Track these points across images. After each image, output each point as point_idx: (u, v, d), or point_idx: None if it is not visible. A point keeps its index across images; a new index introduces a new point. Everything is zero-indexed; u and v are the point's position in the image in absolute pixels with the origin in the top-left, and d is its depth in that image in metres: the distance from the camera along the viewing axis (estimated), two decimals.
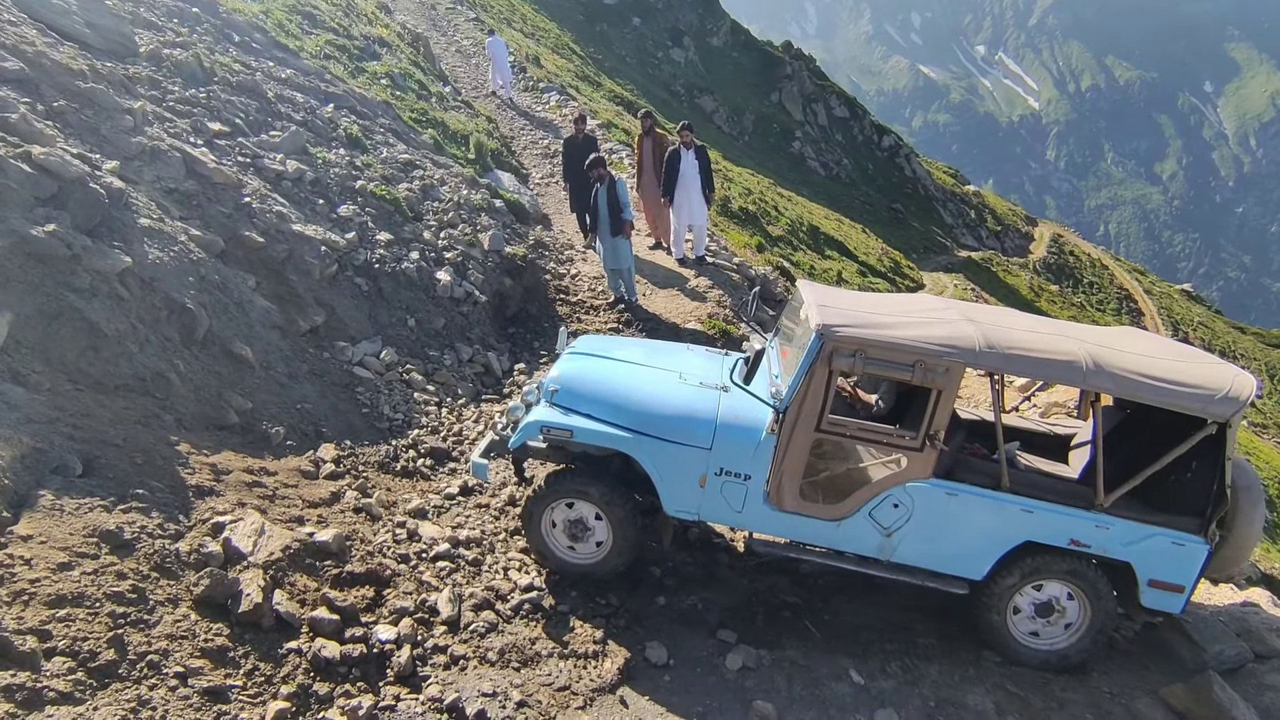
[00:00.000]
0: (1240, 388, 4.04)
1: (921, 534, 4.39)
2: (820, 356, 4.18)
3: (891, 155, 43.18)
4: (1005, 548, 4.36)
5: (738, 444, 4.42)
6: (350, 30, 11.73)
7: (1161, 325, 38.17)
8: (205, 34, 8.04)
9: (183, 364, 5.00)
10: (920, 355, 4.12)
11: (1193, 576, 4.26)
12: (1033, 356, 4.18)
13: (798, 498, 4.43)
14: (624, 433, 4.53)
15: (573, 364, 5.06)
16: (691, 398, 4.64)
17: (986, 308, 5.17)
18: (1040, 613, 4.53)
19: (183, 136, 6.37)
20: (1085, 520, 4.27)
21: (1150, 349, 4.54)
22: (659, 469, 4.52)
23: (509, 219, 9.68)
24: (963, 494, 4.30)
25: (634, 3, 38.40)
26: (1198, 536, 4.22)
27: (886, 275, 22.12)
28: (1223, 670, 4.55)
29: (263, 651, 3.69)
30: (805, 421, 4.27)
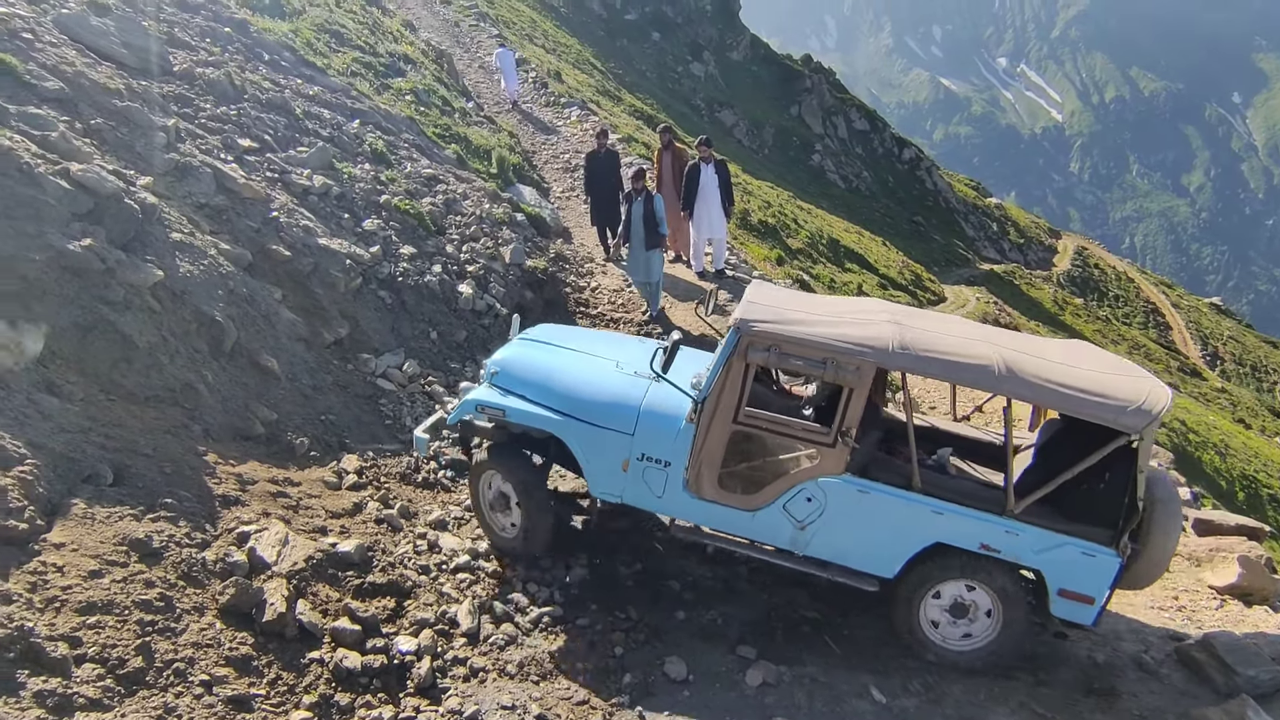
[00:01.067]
0: (1154, 401, 3.99)
1: (833, 529, 4.42)
2: (737, 350, 4.32)
3: (912, 168, 43.00)
4: (916, 548, 4.37)
5: (659, 431, 4.56)
6: (376, 48, 11.95)
7: (1190, 339, 37.50)
8: (236, 53, 8.23)
9: (211, 375, 5.10)
10: (832, 353, 4.22)
11: (1103, 588, 4.20)
12: (945, 359, 4.20)
13: (716, 486, 4.51)
14: (554, 415, 4.72)
15: (516, 348, 5.28)
16: (620, 385, 4.78)
17: (925, 313, 5.19)
18: (954, 614, 4.51)
19: (214, 153, 6.52)
20: (996, 525, 4.24)
21: (1078, 360, 4.48)
22: (585, 451, 4.68)
23: (530, 232, 9.77)
24: (874, 492, 4.33)
25: (654, 18, 38.72)
26: (1108, 548, 4.17)
27: (907, 288, 21.97)
28: (1257, 695, 4.42)
29: (286, 661, 3.73)
30: (723, 413, 4.40)
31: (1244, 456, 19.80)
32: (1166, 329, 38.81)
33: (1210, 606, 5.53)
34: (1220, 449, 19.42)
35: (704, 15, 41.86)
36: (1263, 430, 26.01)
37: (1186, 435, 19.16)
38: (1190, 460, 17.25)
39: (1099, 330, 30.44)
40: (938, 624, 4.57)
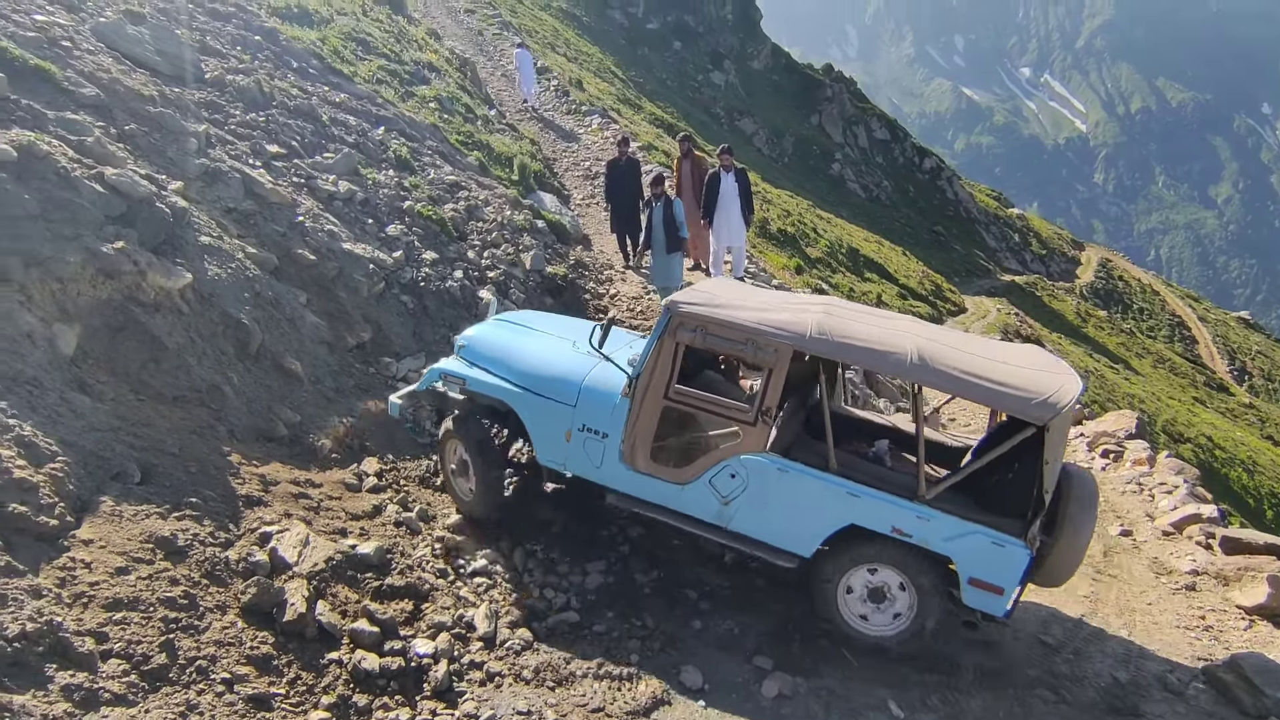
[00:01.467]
0: (1061, 395, 4.04)
1: (755, 505, 4.57)
2: (667, 329, 4.59)
3: (933, 177, 42.75)
4: (831, 528, 4.48)
5: (598, 404, 4.82)
6: (401, 56, 12.11)
7: (1217, 353, 36.85)
8: (266, 60, 8.38)
9: (236, 377, 5.17)
10: (752, 335, 4.45)
11: (1013, 580, 4.22)
12: (860, 346, 4.36)
13: (648, 459, 4.72)
14: (507, 385, 5.05)
15: (485, 326, 5.68)
16: (568, 360, 5.08)
17: (867, 309, 5.34)
18: (872, 598, 4.59)
19: (242, 158, 6.64)
20: (907, 510, 4.32)
21: (1007, 357, 4.56)
22: (532, 421, 5.00)
23: (550, 239, 9.83)
24: (793, 471, 4.48)
25: (675, 27, 38.91)
26: (1018, 539, 4.18)
27: (927, 299, 21.82)
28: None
29: (305, 661, 3.76)
30: (655, 389, 4.64)
31: (1273, 474, 19.40)
32: (1193, 343, 38.18)
33: (1238, 627, 5.42)
34: (1248, 466, 19.05)
35: (725, 24, 41.99)
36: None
37: (1213, 451, 18.82)
38: (1217, 477, 16.93)
39: (1123, 343, 30.02)
40: (861, 612, 4.66)
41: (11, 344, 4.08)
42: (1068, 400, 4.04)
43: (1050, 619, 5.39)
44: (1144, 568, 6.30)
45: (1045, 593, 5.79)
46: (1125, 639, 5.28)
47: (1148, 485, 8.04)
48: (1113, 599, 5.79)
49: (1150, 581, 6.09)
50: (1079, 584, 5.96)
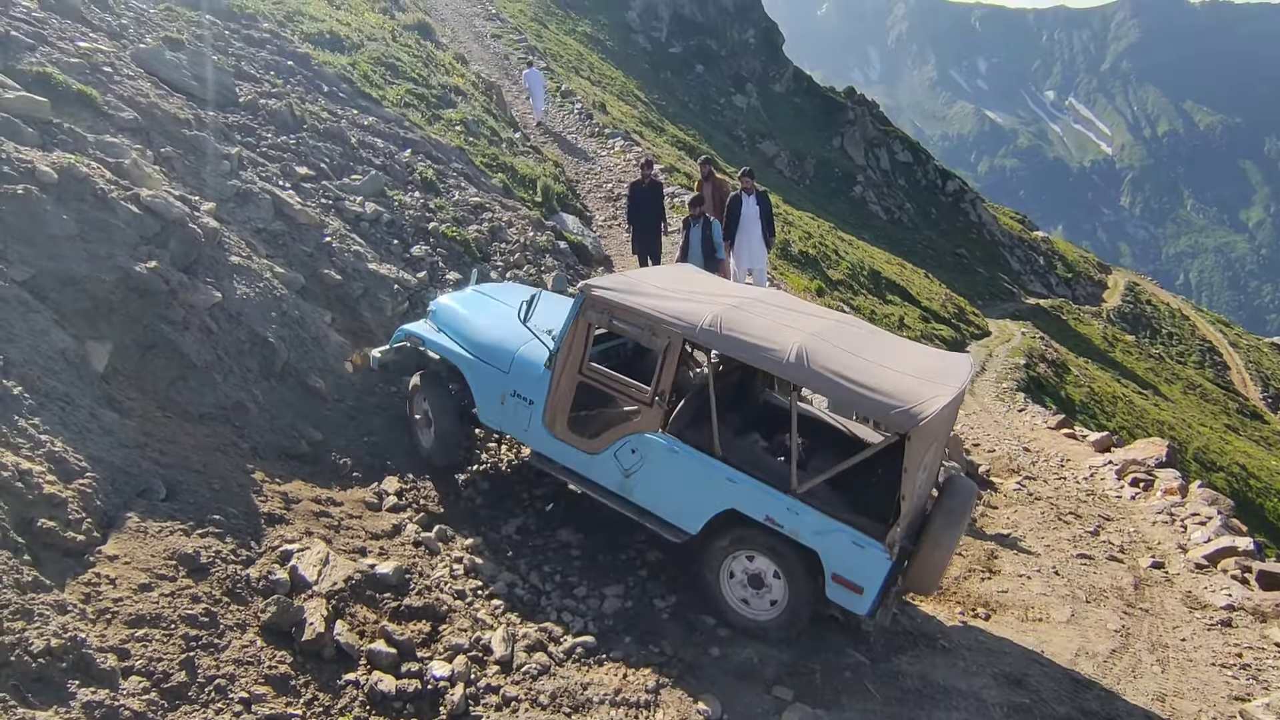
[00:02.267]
0: (926, 406, 4.10)
1: (650, 480, 4.86)
2: (580, 311, 4.92)
3: (956, 200, 42.55)
4: (713, 510, 4.70)
5: (526, 373, 5.23)
6: (429, 80, 12.35)
7: (1250, 380, 36.02)
8: (298, 85, 8.59)
9: (261, 394, 5.24)
10: (650, 322, 4.75)
11: (874, 580, 4.31)
12: (744, 341, 4.52)
13: (565, 428, 5.09)
14: (458, 349, 5.49)
15: (456, 295, 6.09)
16: (511, 331, 5.37)
17: (802, 305, 5.47)
18: (752, 584, 4.78)
19: (273, 180, 6.78)
20: (780, 501, 4.49)
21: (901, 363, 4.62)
22: (475, 383, 5.44)
23: (572, 260, 9.90)
24: (682, 452, 4.73)
25: (698, 51, 39.31)
26: (877, 542, 4.29)
27: (950, 321, 21.60)
28: None
29: (322, 682, 3.75)
30: (571, 364, 5.00)
31: None
32: (1224, 369, 37.38)
33: (1277, 665, 5.24)
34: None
35: (748, 48, 42.37)
36: None
37: (1247, 481, 18.32)
38: (1251, 507, 16.45)
39: (1152, 369, 29.46)
40: (735, 588, 4.85)
41: (46, 361, 4.17)
42: (930, 411, 4.07)
43: (1080, 653, 5.25)
44: (1177, 602, 6.13)
45: (1076, 626, 5.65)
46: (1159, 675, 5.12)
47: (1179, 516, 7.84)
48: (1145, 634, 5.62)
49: (1184, 616, 5.92)
50: (1109, 618, 5.80)
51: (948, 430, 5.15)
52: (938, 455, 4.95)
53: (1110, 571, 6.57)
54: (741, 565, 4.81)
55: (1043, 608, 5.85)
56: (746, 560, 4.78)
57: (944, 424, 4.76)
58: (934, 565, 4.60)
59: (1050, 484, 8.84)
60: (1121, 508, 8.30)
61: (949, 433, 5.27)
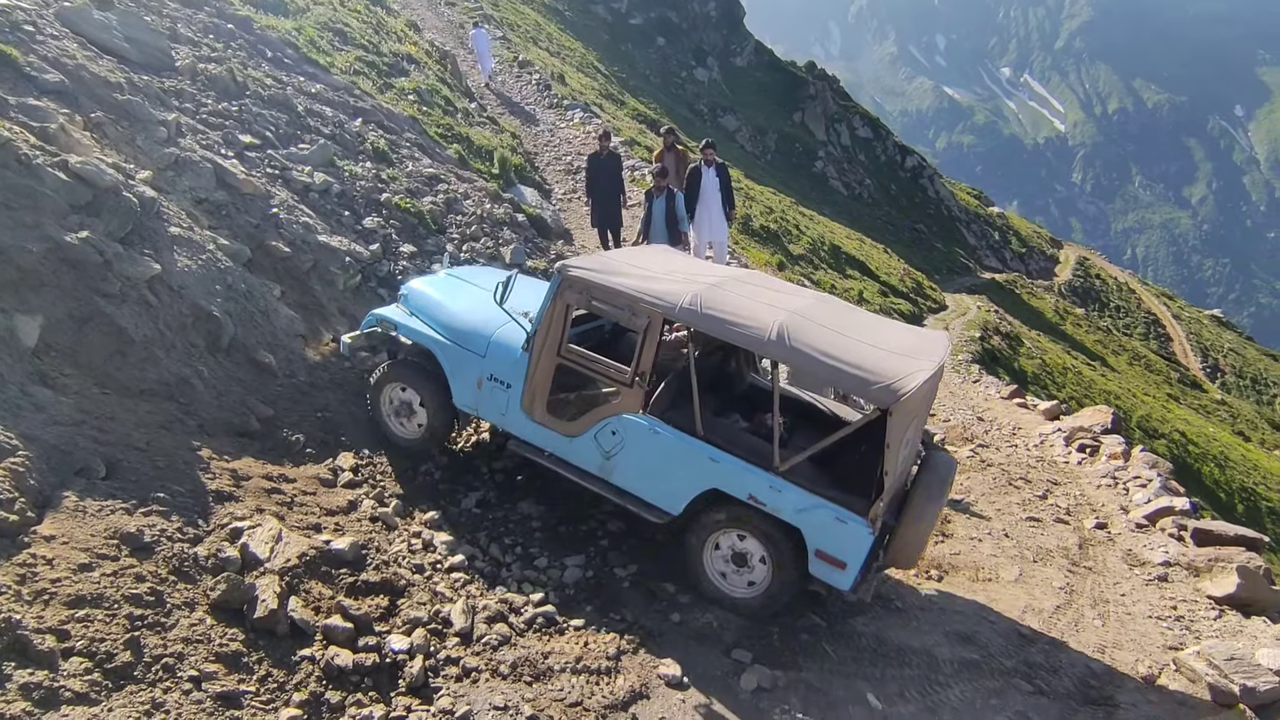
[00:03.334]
0: (906, 381, 4.15)
1: (631, 462, 4.83)
2: (558, 292, 4.84)
3: (915, 176, 43.06)
4: (696, 490, 4.70)
5: (503, 356, 5.14)
6: (380, 47, 11.96)
7: (1190, 351, 37.48)
8: (239, 49, 8.23)
9: (207, 370, 5.07)
10: (629, 301, 4.71)
11: (856, 555, 4.35)
12: (724, 319, 4.50)
13: (544, 411, 5.02)
14: (432, 333, 5.37)
15: (428, 279, 5.98)
16: (487, 314, 5.30)
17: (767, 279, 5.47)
18: (735, 561, 4.81)
19: (215, 148, 6.51)
20: (762, 479, 4.50)
21: (879, 339, 4.63)
22: (450, 367, 5.32)
23: (531, 233, 9.76)
24: (663, 432, 4.71)
25: (659, 23, 38.83)
26: (860, 517, 4.32)
27: (908, 296, 21.96)
28: (1255, 706, 4.39)
29: (276, 658, 3.69)
30: (549, 346, 4.93)
31: (1243, 469, 19.76)
32: (1167, 340, 38.81)
33: (1209, 617, 5.50)
34: (1220, 461, 19.38)
35: (709, 21, 41.98)
36: (1262, 443, 25.96)
37: (1186, 447, 19.12)
38: (1190, 472, 17.21)
39: (1100, 340, 30.43)
40: (718, 563, 4.86)
41: None
42: (910, 386, 4.11)
43: (1027, 610, 5.44)
44: (1118, 559, 6.38)
45: (1023, 585, 5.85)
46: (1100, 629, 5.33)
47: (1122, 479, 8.14)
48: (1088, 590, 5.85)
49: (1124, 573, 6.16)
50: (1055, 576, 6.02)
51: (928, 405, 5.14)
52: (918, 430, 4.95)
53: (1057, 533, 6.80)
54: (728, 544, 4.79)
55: (993, 568, 6.04)
56: (735, 540, 4.76)
57: (924, 399, 4.74)
58: (916, 539, 4.62)
59: (1002, 451, 9.09)
60: (1069, 472, 8.59)
61: (929, 408, 5.24)
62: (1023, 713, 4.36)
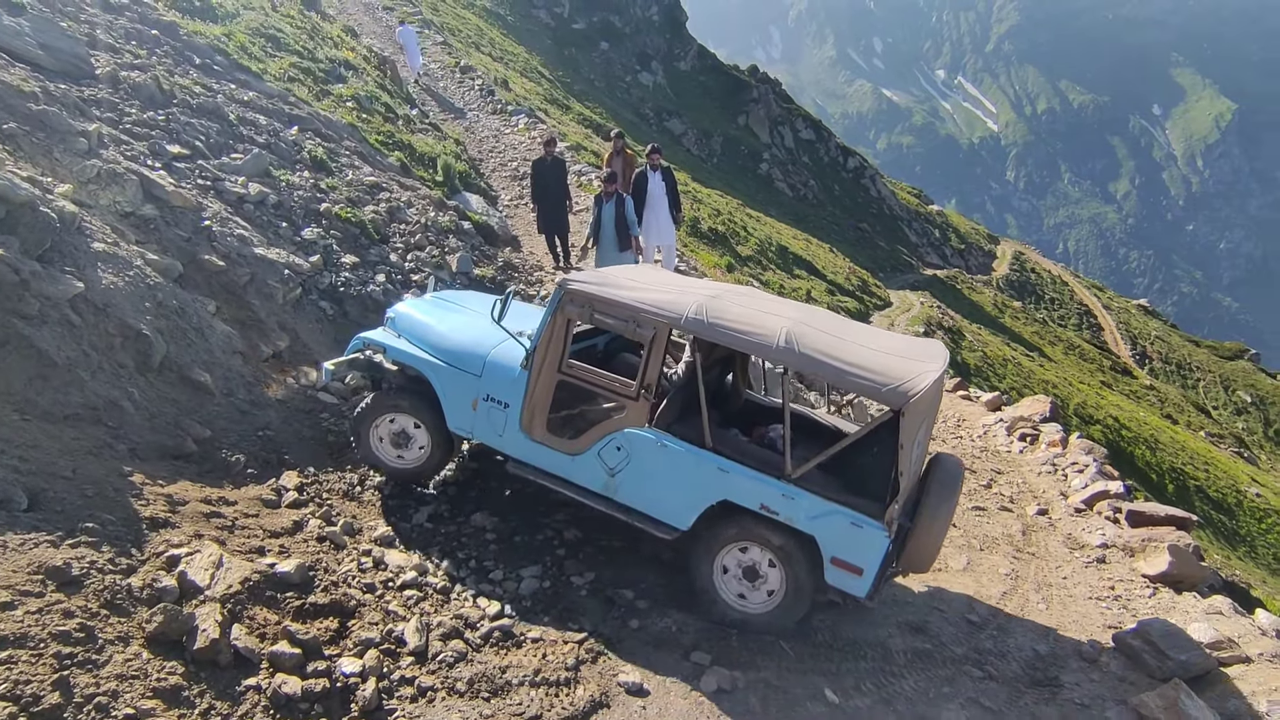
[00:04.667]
0: (916, 382, 4.15)
1: (637, 477, 4.75)
2: (559, 306, 4.77)
3: (857, 176, 44.03)
4: (705, 502, 4.61)
5: (500, 375, 5.01)
6: (315, 53, 11.67)
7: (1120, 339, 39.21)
8: (165, 56, 7.92)
9: (137, 391, 4.85)
10: (633, 314, 4.65)
11: (872, 561, 4.30)
12: (732, 328, 4.48)
13: (544, 430, 4.92)
14: (424, 355, 5.22)
15: (415, 301, 5.87)
16: (480, 334, 5.22)
17: (765, 296, 5.46)
18: (747, 576, 4.70)
19: (140, 159, 6.25)
20: (774, 488, 4.44)
21: (882, 345, 4.66)
22: (443, 389, 5.17)
23: (477, 241, 9.63)
24: (670, 445, 4.64)
25: (602, 27, 38.87)
26: (875, 520, 4.29)
27: (854, 294, 22.44)
28: (1189, 678, 4.60)
29: (219, 689, 3.54)
30: (550, 362, 4.84)
31: (1172, 450, 20.75)
32: (1099, 330, 40.52)
33: (1144, 595, 5.75)
34: (1150, 444, 20.31)
35: (651, 25, 42.21)
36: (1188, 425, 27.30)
37: (1119, 431, 19.99)
38: (1124, 455, 17.98)
39: (1037, 332, 31.58)
40: (738, 591, 4.76)
41: None
42: (921, 387, 4.12)
43: (975, 598, 5.59)
44: (1059, 544, 6.62)
45: (971, 574, 6.01)
46: (1044, 613, 5.52)
47: (1061, 465, 8.46)
48: (1031, 575, 6.05)
49: (1065, 556, 6.40)
50: (1001, 563, 6.21)
51: (935, 407, 5.10)
52: (928, 432, 4.92)
53: (1001, 521, 7.02)
54: (736, 559, 4.70)
55: (941, 558, 6.19)
56: (740, 553, 4.67)
57: (932, 401, 4.69)
58: (932, 540, 4.58)
59: (948, 443, 9.34)
60: (1011, 461, 8.88)
61: (936, 410, 5.16)
62: (974, 699, 4.48)
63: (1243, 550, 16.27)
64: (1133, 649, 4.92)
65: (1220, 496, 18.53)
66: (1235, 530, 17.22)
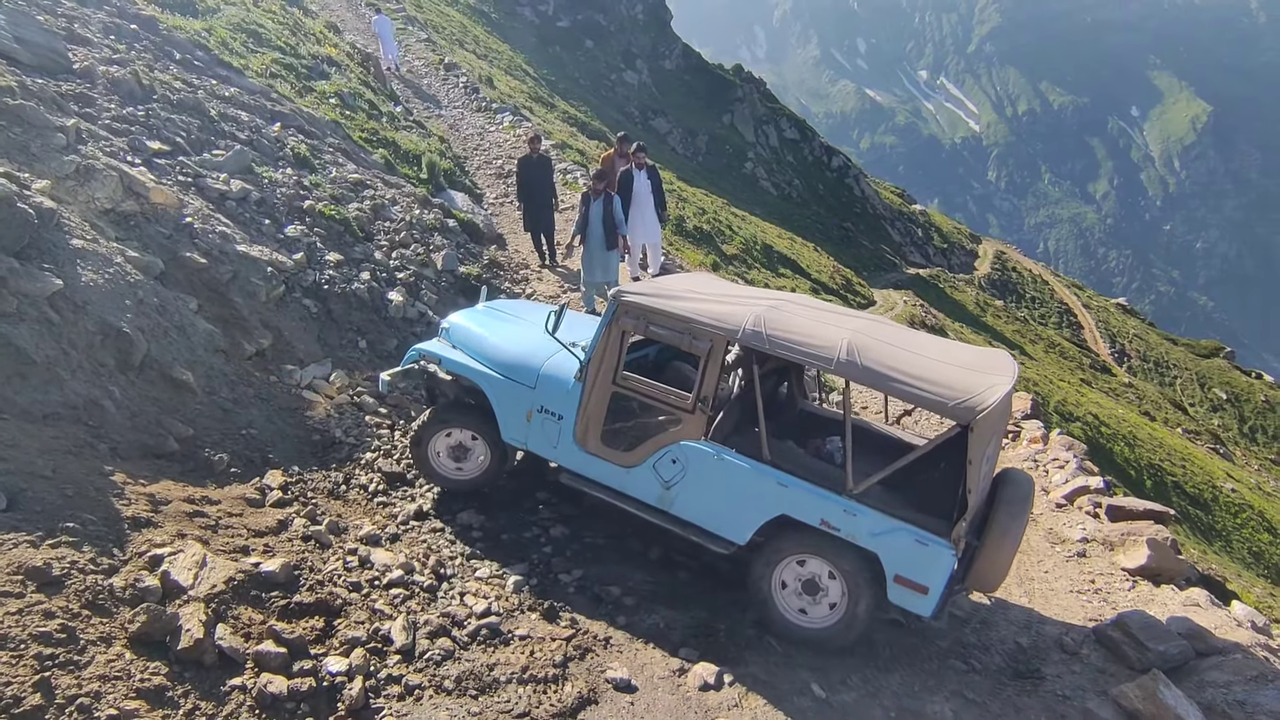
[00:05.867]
0: (985, 397, 4.01)
1: (693, 491, 4.69)
2: (614, 318, 4.76)
3: (841, 176, 44.26)
4: (764, 517, 4.54)
5: (555, 387, 5.02)
6: (298, 49, 11.56)
7: (1100, 337, 39.73)
8: (144, 51, 7.82)
9: (118, 390, 4.80)
10: (689, 325, 4.60)
11: (938, 579, 4.16)
12: (792, 340, 4.39)
13: (599, 442, 4.90)
14: (479, 366, 5.24)
15: (469, 312, 5.87)
16: (534, 345, 5.22)
17: (821, 304, 5.33)
18: (807, 590, 4.63)
19: (120, 155, 6.16)
20: (835, 503, 4.36)
21: (946, 356, 4.54)
22: (498, 401, 5.19)
23: (463, 239, 9.60)
24: (728, 459, 4.58)
25: (587, 26, 38.79)
26: (942, 539, 4.17)
27: (838, 293, 22.56)
28: (1167, 669, 4.68)
29: (204, 690, 3.51)
30: (604, 375, 4.82)
31: (1150, 446, 21.05)
32: (1079, 328, 41.03)
33: (1123, 588, 5.84)
34: (1129, 440, 20.59)
35: (636, 24, 42.17)
36: (1166, 421, 27.73)
37: (1099, 428, 20.25)
38: (1103, 451, 18.22)
39: (1018, 330, 31.93)
40: (802, 608, 4.68)
41: None
42: (990, 402, 3.96)
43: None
44: (1041, 538, 6.70)
45: None
46: (1026, 606, 5.59)
47: (1042, 462, 8.56)
48: (1013, 569, 6.12)
49: (1047, 551, 6.48)
50: None
51: (1005, 422, 4.89)
52: (997, 447, 4.76)
53: None
54: (794, 573, 4.61)
55: None
56: (798, 567, 4.58)
57: (1002, 415, 4.51)
58: (1002, 559, 4.39)
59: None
60: None
61: (1006, 424, 4.95)
62: (958, 691, 4.53)
63: (1218, 544, 16.55)
64: (1113, 641, 5.00)
65: (1197, 492, 18.84)
66: (1211, 525, 17.51)
